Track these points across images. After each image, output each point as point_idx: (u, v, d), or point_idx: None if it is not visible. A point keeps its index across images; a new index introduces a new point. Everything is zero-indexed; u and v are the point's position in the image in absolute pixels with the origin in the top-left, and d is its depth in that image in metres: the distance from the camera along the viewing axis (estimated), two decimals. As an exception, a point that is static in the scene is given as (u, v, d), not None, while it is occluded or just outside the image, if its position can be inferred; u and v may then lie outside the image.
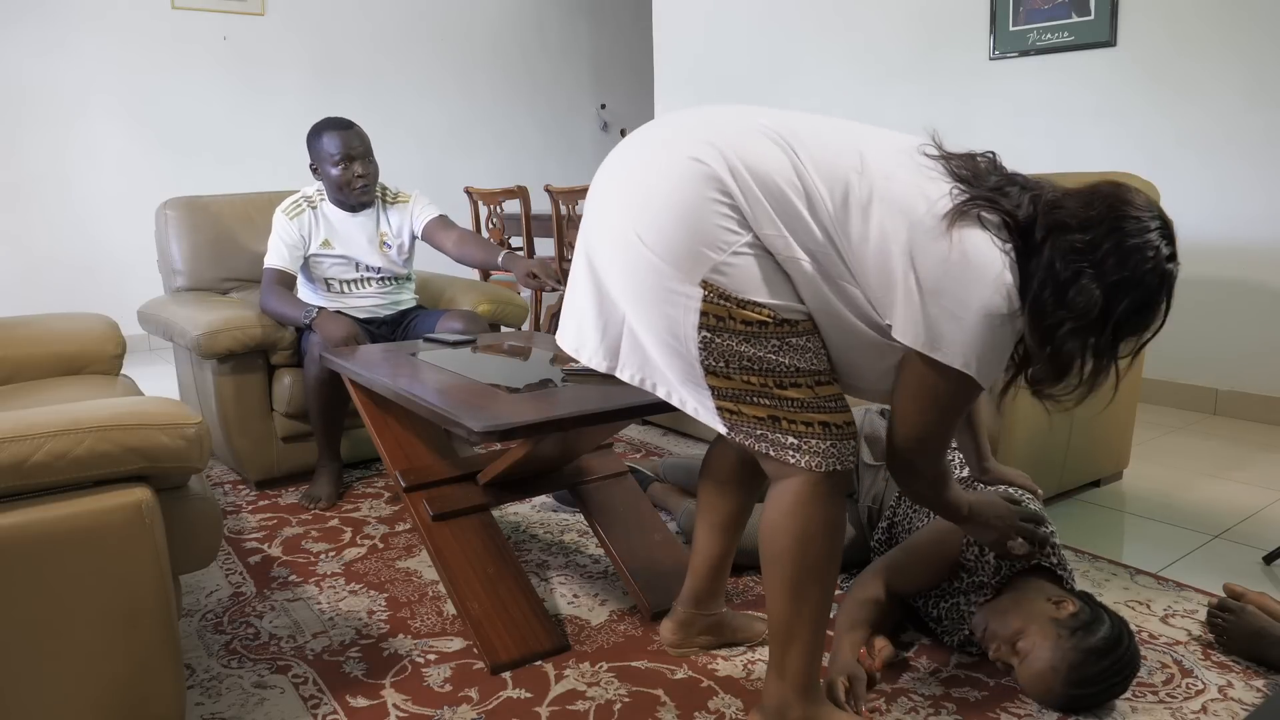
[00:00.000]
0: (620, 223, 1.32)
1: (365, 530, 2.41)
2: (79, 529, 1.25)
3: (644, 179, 1.31)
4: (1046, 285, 1.18)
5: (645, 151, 1.35)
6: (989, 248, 1.20)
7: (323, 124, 2.71)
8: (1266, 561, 2.13)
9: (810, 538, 1.34)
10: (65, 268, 5.14)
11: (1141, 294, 1.19)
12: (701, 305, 1.26)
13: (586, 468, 2.12)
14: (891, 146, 1.32)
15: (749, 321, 1.27)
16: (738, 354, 1.28)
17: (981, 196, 1.22)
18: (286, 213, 2.70)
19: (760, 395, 1.29)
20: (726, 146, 1.27)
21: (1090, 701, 1.53)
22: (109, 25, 5.12)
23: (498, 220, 4.65)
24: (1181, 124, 3.47)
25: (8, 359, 2.21)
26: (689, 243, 1.26)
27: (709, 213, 1.25)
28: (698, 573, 1.72)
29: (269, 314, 2.63)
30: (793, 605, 1.38)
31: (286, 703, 1.62)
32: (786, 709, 1.42)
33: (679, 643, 1.74)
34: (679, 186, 1.26)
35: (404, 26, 6.19)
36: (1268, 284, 3.32)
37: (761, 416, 1.30)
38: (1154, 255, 1.18)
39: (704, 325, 1.27)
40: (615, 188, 1.36)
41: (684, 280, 1.27)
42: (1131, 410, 2.64)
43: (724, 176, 1.25)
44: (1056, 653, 1.48)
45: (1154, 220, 1.20)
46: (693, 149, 1.27)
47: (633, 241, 1.30)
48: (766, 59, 4.94)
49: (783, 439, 1.30)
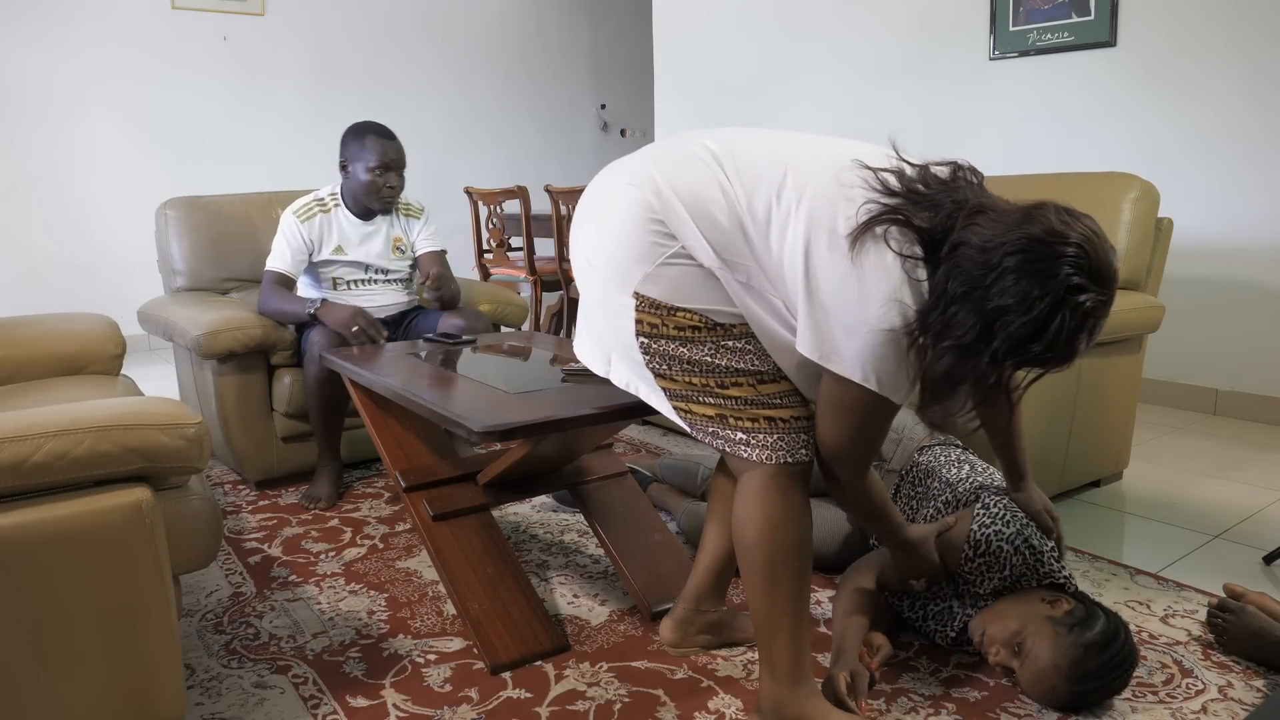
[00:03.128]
0: (581, 250, 1.49)
1: (365, 530, 2.41)
2: (79, 529, 1.25)
3: (596, 209, 1.47)
4: (937, 304, 1.15)
5: (606, 183, 1.49)
6: (886, 264, 1.18)
7: (365, 127, 2.69)
8: (1266, 561, 2.13)
9: (775, 527, 1.38)
10: (65, 268, 5.14)
11: (1028, 323, 1.10)
12: (635, 314, 1.39)
13: (586, 468, 2.12)
14: (823, 160, 1.31)
15: (682, 326, 1.37)
16: (676, 357, 1.38)
17: (888, 211, 1.18)
18: (298, 215, 2.67)
19: (705, 394, 1.38)
20: (658, 170, 1.39)
21: (1094, 698, 1.53)
22: (109, 25, 5.12)
23: (498, 220, 4.65)
24: (1182, 124, 3.47)
25: (8, 359, 2.21)
26: (622, 258, 1.39)
27: (640, 230, 1.37)
28: (701, 570, 1.73)
29: (269, 315, 2.63)
30: (768, 596, 1.41)
31: (286, 703, 1.62)
32: (782, 706, 1.42)
33: (678, 641, 1.74)
34: (617, 210, 1.41)
35: (404, 26, 6.19)
36: (1268, 284, 3.32)
37: (710, 415, 1.39)
38: (1053, 284, 1.09)
39: (640, 332, 1.39)
40: (582, 218, 1.51)
41: (619, 291, 1.39)
42: (1131, 410, 2.65)
43: (650, 198, 1.37)
44: (1056, 650, 1.49)
45: (1071, 249, 1.10)
46: (630, 175, 1.42)
47: (584, 266, 1.47)
48: (767, 59, 4.94)
49: (733, 435, 1.38)
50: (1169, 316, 3.51)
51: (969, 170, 1.29)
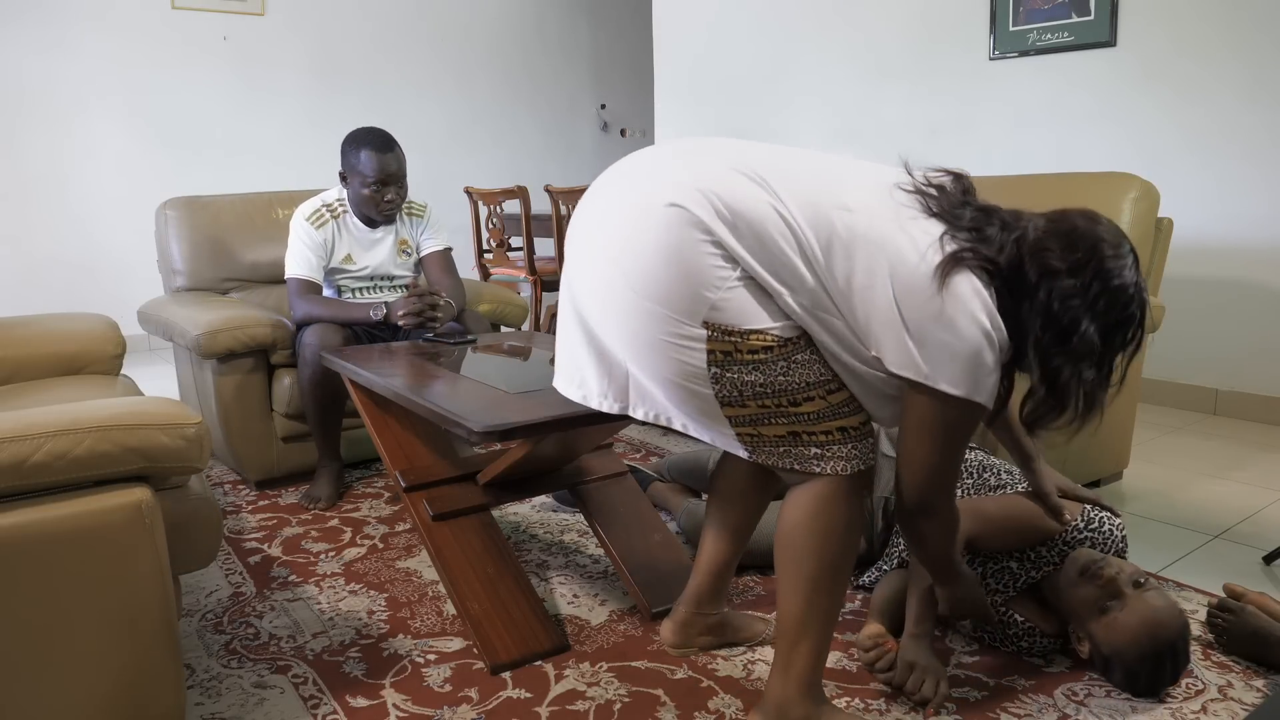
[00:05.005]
0: (610, 276, 1.34)
1: (365, 530, 2.41)
2: (79, 529, 1.25)
3: (629, 233, 1.32)
4: (1047, 329, 1.25)
5: (624, 201, 1.36)
6: (975, 287, 1.24)
7: (363, 138, 2.61)
8: (1266, 561, 2.13)
9: (832, 537, 1.36)
10: (65, 268, 5.14)
11: (1131, 328, 1.28)
12: (708, 345, 1.29)
13: (586, 468, 2.12)
14: (869, 184, 1.33)
15: (754, 349, 1.30)
16: (749, 383, 1.31)
17: (967, 247, 1.25)
18: (311, 221, 2.64)
19: (777, 415, 1.33)
20: (706, 188, 1.29)
21: (1162, 673, 1.55)
22: (109, 25, 5.12)
23: (498, 220, 4.65)
24: (1181, 124, 3.47)
25: (8, 359, 2.21)
26: (685, 286, 1.28)
27: (698, 254, 1.28)
28: (702, 573, 1.72)
29: (312, 320, 2.55)
30: (808, 604, 1.38)
31: (286, 703, 1.62)
32: (789, 707, 1.42)
33: (679, 643, 1.74)
34: (664, 233, 1.28)
35: (404, 27, 6.19)
36: (1268, 284, 3.32)
37: (781, 434, 1.34)
38: (1134, 290, 1.27)
39: (713, 363, 1.30)
40: (599, 239, 1.37)
41: (686, 324, 1.29)
42: (1131, 410, 2.65)
43: (706, 218, 1.27)
44: (1173, 611, 1.54)
45: (1129, 255, 1.28)
46: (672, 194, 1.30)
47: (628, 295, 1.32)
48: (767, 59, 4.94)
49: (805, 451, 1.34)
50: (1169, 316, 3.52)
51: (967, 179, 1.36)
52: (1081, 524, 1.70)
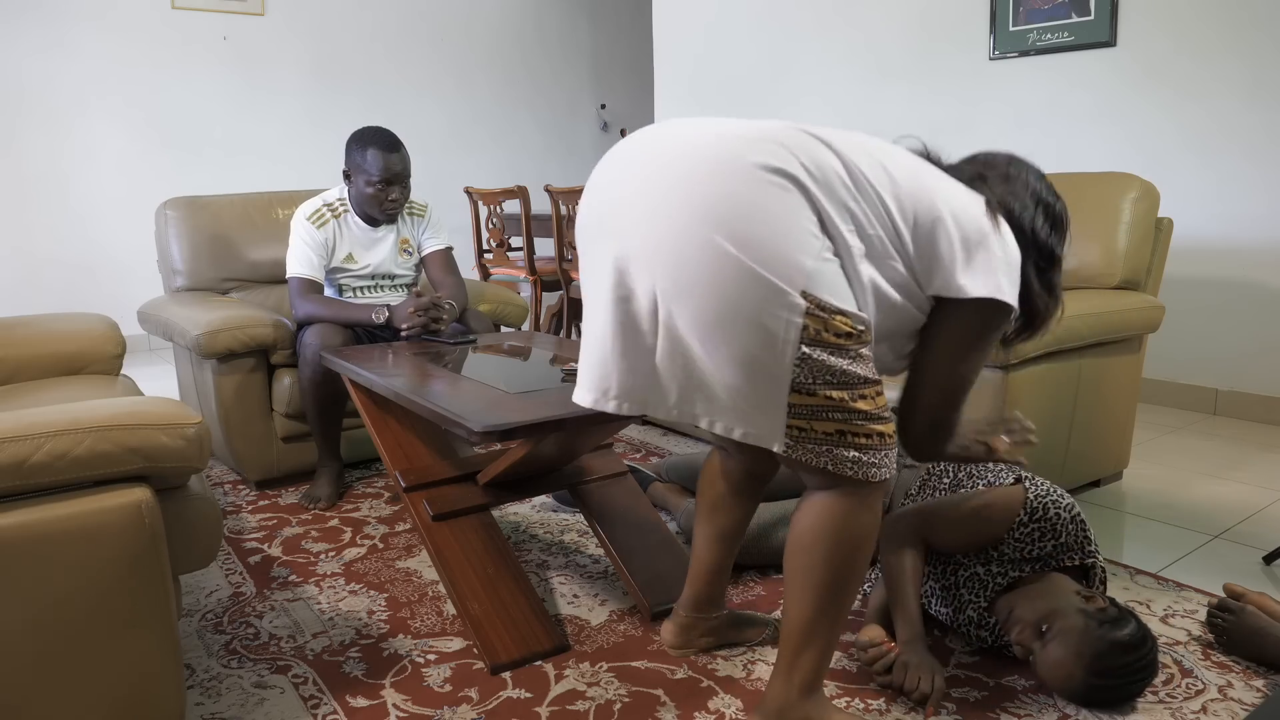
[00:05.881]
0: (703, 238, 1.22)
1: (365, 530, 2.41)
2: (79, 529, 1.25)
3: (724, 192, 1.23)
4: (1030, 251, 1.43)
5: (699, 162, 1.27)
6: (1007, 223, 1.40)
7: (369, 137, 2.60)
8: (1266, 561, 2.13)
9: (850, 545, 1.35)
10: (65, 268, 5.14)
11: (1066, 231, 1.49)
12: (804, 318, 1.23)
13: (586, 468, 2.12)
14: (887, 144, 1.42)
15: (839, 333, 1.25)
16: (827, 368, 1.26)
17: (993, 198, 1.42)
18: (312, 221, 2.64)
19: (835, 410, 1.28)
20: (795, 149, 1.26)
21: (1107, 695, 1.53)
22: (109, 24, 5.13)
23: (498, 220, 4.65)
24: (1181, 124, 3.47)
25: (8, 359, 2.21)
26: (785, 248, 1.22)
27: (796, 216, 1.23)
28: (698, 579, 1.72)
29: (314, 320, 2.55)
30: (820, 609, 1.37)
31: (286, 703, 1.62)
32: (789, 708, 1.42)
33: (681, 644, 1.74)
34: (765, 192, 1.22)
35: (404, 26, 6.19)
36: (1268, 284, 3.32)
37: (830, 432, 1.29)
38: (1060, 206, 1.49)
39: (804, 339, 1.23)
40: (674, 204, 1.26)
41: (787, 291, 1.22)
42: (1131, 410, 2.64)
43: (805, 181, 1.24)
44: (1084, 640, 1.50)
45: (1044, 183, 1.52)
46: (762, 155, 1.24)
47: (726, 257, 1.21)
48: (767, 59, 4.94)
49: (845, 453, 1.30)
50: (1169, 316, 3.52)
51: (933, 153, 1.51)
52: (1026, 518, 1.66)
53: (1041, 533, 1.66)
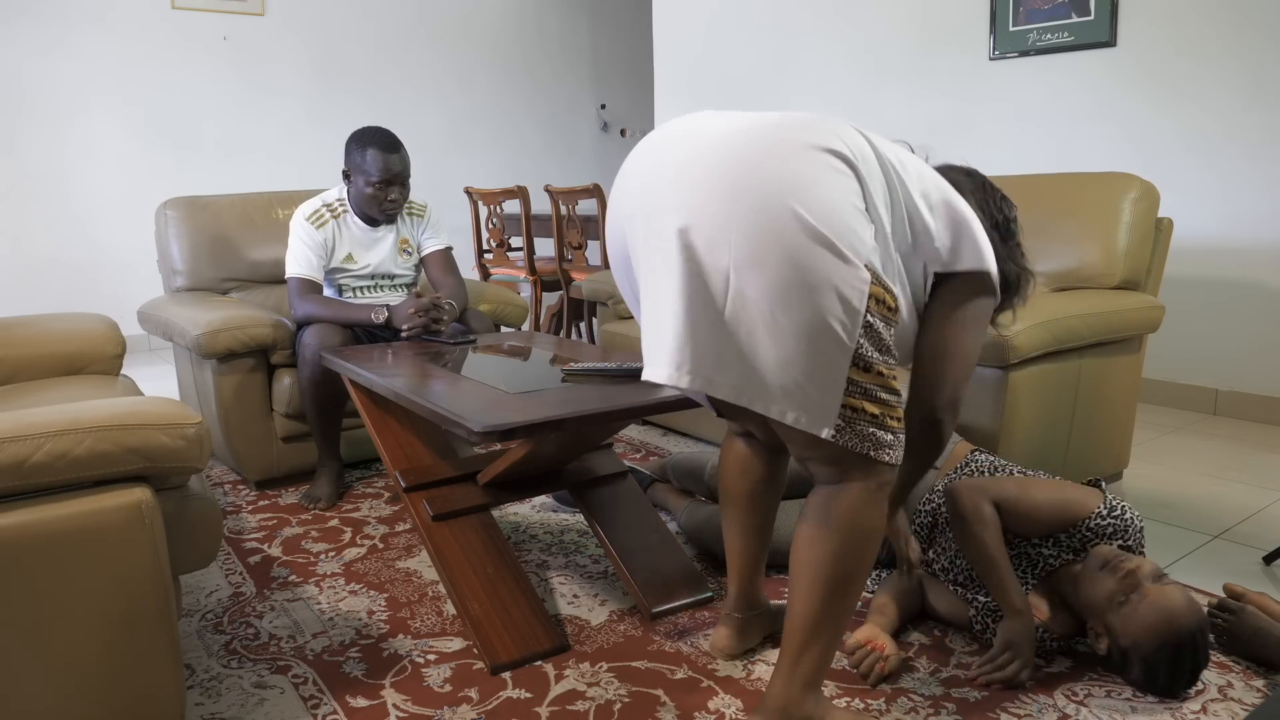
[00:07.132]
0: (779, 201, 1.23)
1: (365, 530, 2.41)
2: (79, 529, 1.25)
3: (786, 164, 1.25)
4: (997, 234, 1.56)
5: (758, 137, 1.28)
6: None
7: (369, 137, 2.60)
8: (1266, 561, 2.13)
9: (861, 540, 1.36)
10: (65, 268, 5.14)
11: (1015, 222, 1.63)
12: (870, 289, 1.26)
13: (586, 468, 2.12)
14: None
15: (890, 308, 1.30)
16: (883, 343, 1.29)
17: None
18: (311, 221, 2.64)
19: (883, 389, 1.30)
20: (840, 134, 1.30)
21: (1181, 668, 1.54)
22: (109, 24, 5.13)
23: (498, 220, 4.66)
24: (1181, 124, 3.47)
25: (8, 359, 2.21)
26: (852, 223, 1.25)
27: (853, 198, 1.27)
28: (740, 576, 1.73)
29: (313, 320, 2.56)
30: (825, 606, 1.37)
31: (286, 703, 1.62)
32: (792, 706, 1.42)
33: (738, 649, 1.74)
34: (825, 170, 1.25)
35: (404, 26, 6.20)
36: (1268, 284, 3.33)
37: (875, 414, 1.30)
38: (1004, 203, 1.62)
39: (869, 309, 1.26)
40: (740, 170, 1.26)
41: (854, 261, 1.24)
42: (1131, 410, 2.64)
43: (856, 163, 1.28)
44: (1192, 605, 1.54)
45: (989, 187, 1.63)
46: (815, 137, 1.27)
47: (802, 220, 1.22)
48: (767, 59, 4.94)
49: (882, 435, 1.32)
50: (1169, 316, 3.52)
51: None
52: (1105, 510, 1.70)
53: (1115, 529, 1.70)
